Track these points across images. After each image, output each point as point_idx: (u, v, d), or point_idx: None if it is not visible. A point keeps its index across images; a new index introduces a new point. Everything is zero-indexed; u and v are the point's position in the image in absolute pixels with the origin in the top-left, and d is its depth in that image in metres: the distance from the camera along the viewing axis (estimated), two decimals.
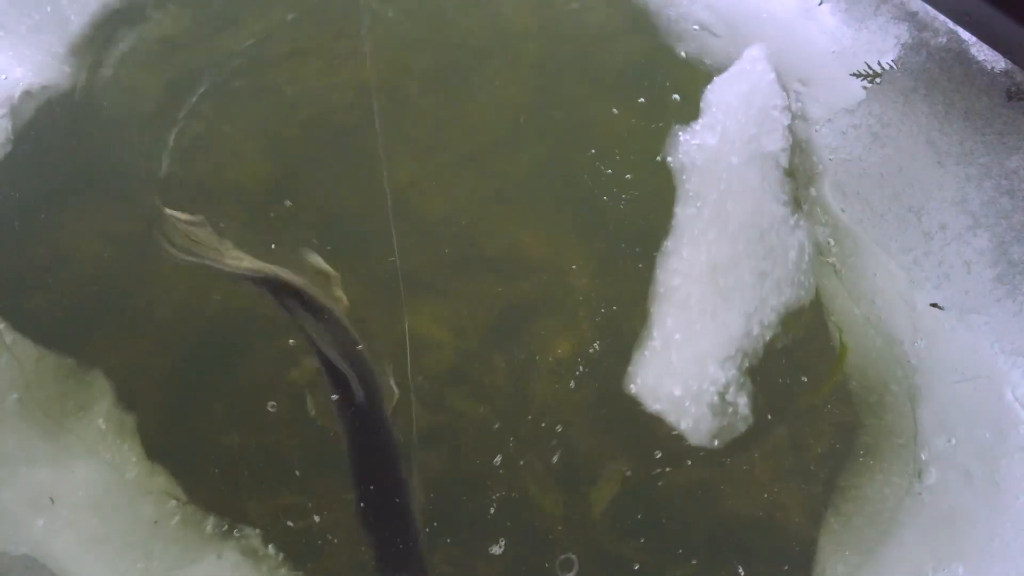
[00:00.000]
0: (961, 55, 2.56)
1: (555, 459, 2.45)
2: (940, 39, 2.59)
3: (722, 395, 2.47)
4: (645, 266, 2.61)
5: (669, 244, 2.65)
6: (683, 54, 2.87)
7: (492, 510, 2.42)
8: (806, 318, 2.57)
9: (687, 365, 2.50)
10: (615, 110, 2.80)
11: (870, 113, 2.64)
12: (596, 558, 2.38)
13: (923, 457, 2.50)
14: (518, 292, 2.60)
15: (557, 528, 2.41)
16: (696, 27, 2.88)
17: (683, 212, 2.69)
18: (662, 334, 2.54)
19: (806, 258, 2.62)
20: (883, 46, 2.66)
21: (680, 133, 2.75)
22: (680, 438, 2.42)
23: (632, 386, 2.49)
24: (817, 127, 2.73)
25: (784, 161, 2.71)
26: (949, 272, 2.50)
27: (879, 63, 2.66)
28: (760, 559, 2.44)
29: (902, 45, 2.63)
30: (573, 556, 2.37)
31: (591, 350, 2.53)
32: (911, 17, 2.65)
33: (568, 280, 2.61)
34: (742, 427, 2.45)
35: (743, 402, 2.47)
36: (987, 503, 2.40)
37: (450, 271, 2.60)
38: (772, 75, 2.79)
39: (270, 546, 2.34)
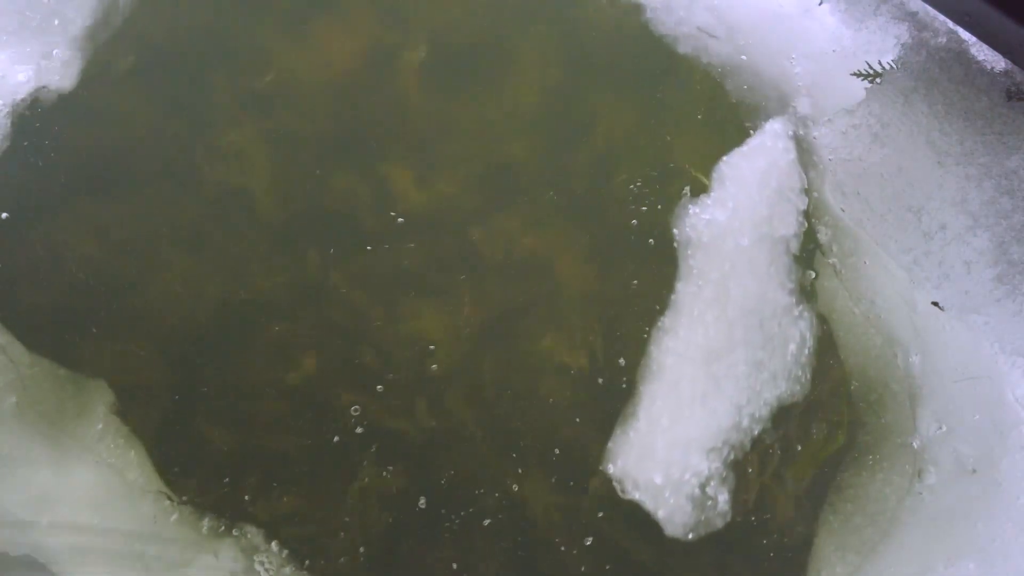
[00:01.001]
0: (961, 55, 2.56)
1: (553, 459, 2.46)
2: (940, 39, 2.59)
3: (703, 487, 2.38)
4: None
5: (666, 321, 2.56)
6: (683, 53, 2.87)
7: (487, 511, 2.42)
8: (798, 414, 2.49)
9: (670, 451, 2.41)
10: (617, 107, 2.81)
11: (870, 113, 2.64)
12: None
13: (923, 456, 2.50)
14: (517, 293, 2.60)
15: (552, 531, 2.41)
16: (696, 28, 2.88)
17: (684, 288, 2.60)
18: (648, 416, 2.45)
19: (806, 351, 2.53)
20: (883, 46, 2.67)
21: (690, 205, 2.66)
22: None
23: (611, 466, 2.41)
24: (817, 127, 2.73)
25: (795, 247, 2.62)
26: (949, 272, 2.50)
27: (879, 63, 2.66)
28: (759, 559, 2.44)
29: (902, 45, 2.63)
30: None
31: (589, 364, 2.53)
32: (911, 17, 2.65)
33: (567, 297, 2.62)
34: (719, 523, 2.37)
35: (723, 498, 2.38)
36: (988, 502, 2.40)
37: (450, 271, 2.61)
38: (793, 154, 2.71)
39: (273, 544, 2.34)
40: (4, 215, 2.51)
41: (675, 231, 2.64)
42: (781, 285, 2.58)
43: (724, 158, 2.73)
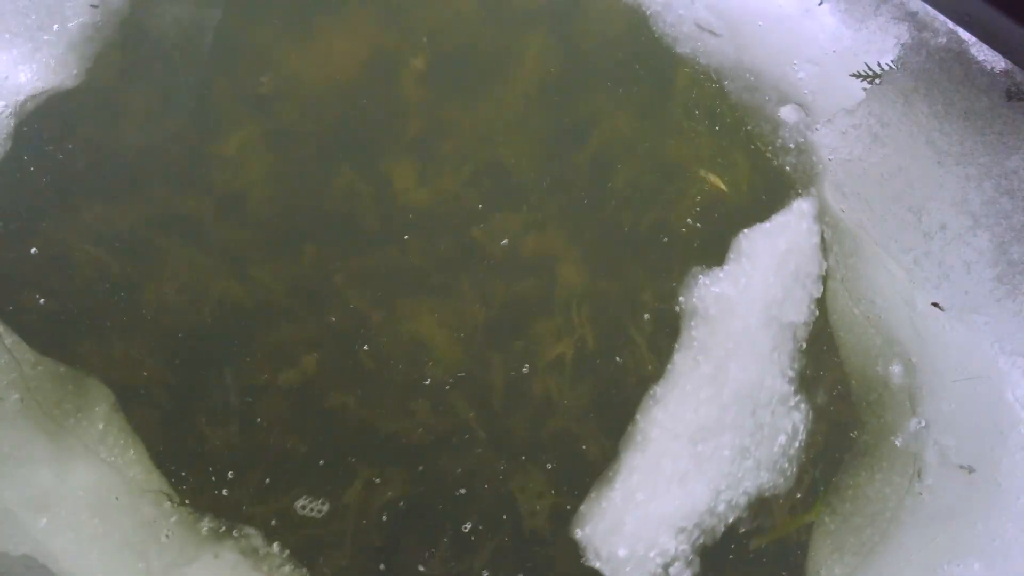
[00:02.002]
0: (961, 55, 2.56)
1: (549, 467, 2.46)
2: (940, 39, 2.59)
3: (666, 568, 2.34)
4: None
5: (658, 390, 2.50)
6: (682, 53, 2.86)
7: (488, 511, 2.42)
8: (777, 509, 2.45)
9: (640, 526, 2.36)
10: (617, 107, 2.81)
11: (870, 113, 2.64)
12: None
13: (923, 456, 2.50)
14: (516, 292, 2.60)
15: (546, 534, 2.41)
16: (696, 27, 2.88)
17: (682, 360, 2.53)
18: (625, 487, 2.40)
19: (796, 444, 2.47)
20: (883, 46, 2.67)
21: (700, 275, 2.60)
22: None
23: (579, 531, 2.38)
24: (817, 127, 2.73)
25: (803, 335, 2.56)
26: (949, 272, 2.50)
27: (879, 63, 2.66)
28: (757, 560, 2.44)
29: (902, 45, 2.63)
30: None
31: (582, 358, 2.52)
32: (911, 17, 2.65)
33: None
34: None
35: None
36: (988, 502, 2.40)
37: (451, 271, 2.61)
38: (817, 239, 2.63)
39: (275, 544, 2.34)
40: (7, 215, 2.52)
41: (681, 298, 2.58)
42: (782, 372, 2.52)
43: (745, 231, 2.66)
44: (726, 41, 2.84)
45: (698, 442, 2.44)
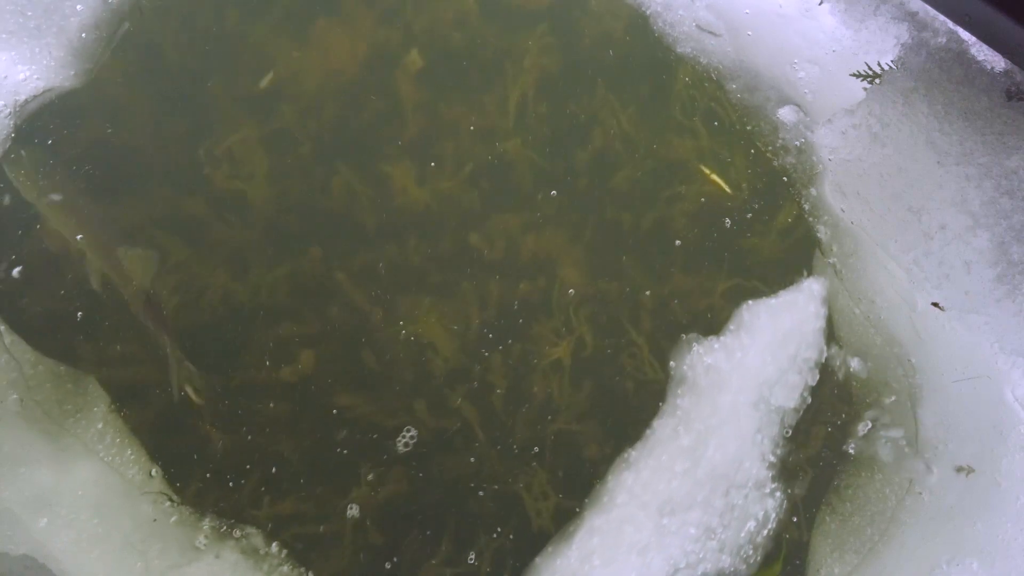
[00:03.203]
0: (961, 55, 2.56)
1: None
2: (940, 39, 2.59)
3: None
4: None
5: (633, 454, 2.45)
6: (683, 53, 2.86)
7: (488, 511, 2.42)
8: None
9: None
10: (617, 106, 2.81)
11: (870, 113, 2.64)
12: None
13: (923, 456, 2.50)
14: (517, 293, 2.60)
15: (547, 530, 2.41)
16: (696, 27, 2.87)
17: (661, 427, 2.45)
18: (582, 548, 2.35)
19: (764, 532, 2.40)
20: (883, 46, 2.66)
21: (695, 343, 2.55)
22: None
23: None
24: (817, 127, 2.73)
25: (790, 422, 2.50)
26: (949, 272, 2.50)
27: (879, 63, 2.66)
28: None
29: (902, 45, 2.63)
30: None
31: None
32: (911, 17, 2.65)
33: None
34: None
35: None
36: (988, 502, 2.40)
37: (450, 270, 2.61)
38: (821, 323, 2.55)
39: (273, 545, 2.34)
40: (7, 215, 2.52)
41: (672, 363, 2.52)
42: (762, 457, 2.44)
43: (749, 302, 2.60)
44: (726, 41, 2.84)
45: (665, 515, 2.37)
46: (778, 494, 2.42)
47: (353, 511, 2.38)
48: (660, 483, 2.40)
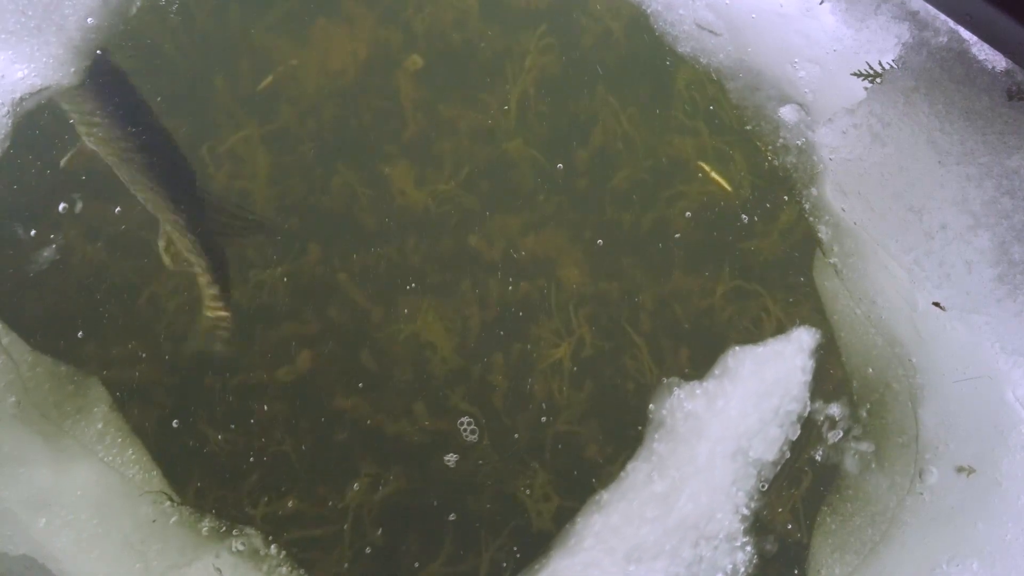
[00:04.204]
0: (962, 54, 2.55)
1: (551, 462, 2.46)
2: (941, 38, 2.58)
3: None
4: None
5: (605, 496, 2.41)
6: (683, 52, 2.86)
7: (488, 512, 2.42)
8: None
9: None
10: (617, 106, 2.80)
11: (871, 113, 2.63)
12: None
13: (924, 456, 2.50)
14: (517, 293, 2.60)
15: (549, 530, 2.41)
16: (696, 26, 2.87)
17: (635, 470, 2.41)
18: None
19: None
20: (884, 45, 2.66)
21: (676, 388, 2.48)
22: None
23: None
24: (818, 126, 2.73)
25: (767, 475, 2.44)
26: (950, 272, 2.50)
27: (880, 63, 2.66)
28: (757, 560, 2.44)
29: (903, 44, 2.62)
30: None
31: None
32: (911, 16, 2.64)
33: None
34: None
35: None
36: (988, 502, 2.40)
37: (450, 270, 2.60)
38: (808, 377, 2.51)
39: (272, 546, 2.34)
40: (6, 215, 2.52)
41: (651, 406, 2.47)
42: (735, 510, 2.39)
43: (736, 347, 2.56)
44: (726, 40, 2.84)
45: (632, 561, 2.32)
46: (749, 548, 2.38)
47: (353, 511, 2.38)
48: (629, 529, 2.34)
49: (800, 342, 2.55)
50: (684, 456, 2.41)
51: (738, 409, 2.45)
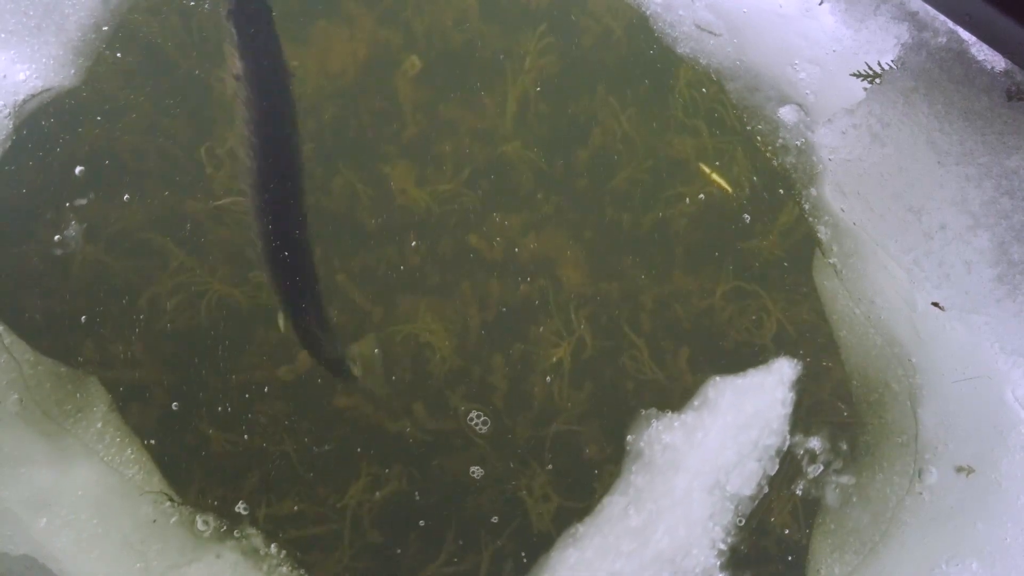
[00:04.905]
0: (961, 55, 2.55)
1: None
2: (940, 39, 2.58)
3: None
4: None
5: (581, 529, 2.37)
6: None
7: (488, 512, 2.42)
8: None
9: None
10: (616, 108, 2.81)
11: (870, 113, 2.63)
12: None
13: (923, 456, 2.50)
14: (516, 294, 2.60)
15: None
16: (696, 27, 2.87)
17: (612, 503, 2.37)
18: None
19: None
20: (883, 46, 2.66)
21: (654, 419, 2.45)
22: None
23: None
24: (817, 127, 2.73)
25: (744, 510, 2.40)
26: (949, 272, 2.50)
27: (879, 63, 2.66)
28: (757, 560, 2.44)
29: (902, 45, 2.62)
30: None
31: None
32: (911, 17, 2.64)
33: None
34: None
35: None
36: (988, 502, 2.40)
37: (450, 271, 2.61)
38: (788, 411, 2.46)
39: (272, 546, 2.34)
40: (7, 215, 2.52)
41: (629, 437, 2.44)
42: (712, 545, 2.35)
43: (717, 377, 2.52)
44: (726, 41, 2.84)
45: None
46: None
47: (353, 511, 2.38)
48: (604, 562, 2.31)
49: (780, 374, 2.52)
50: (661, 489, 2.37)
51: (716, 442, 2.42)
